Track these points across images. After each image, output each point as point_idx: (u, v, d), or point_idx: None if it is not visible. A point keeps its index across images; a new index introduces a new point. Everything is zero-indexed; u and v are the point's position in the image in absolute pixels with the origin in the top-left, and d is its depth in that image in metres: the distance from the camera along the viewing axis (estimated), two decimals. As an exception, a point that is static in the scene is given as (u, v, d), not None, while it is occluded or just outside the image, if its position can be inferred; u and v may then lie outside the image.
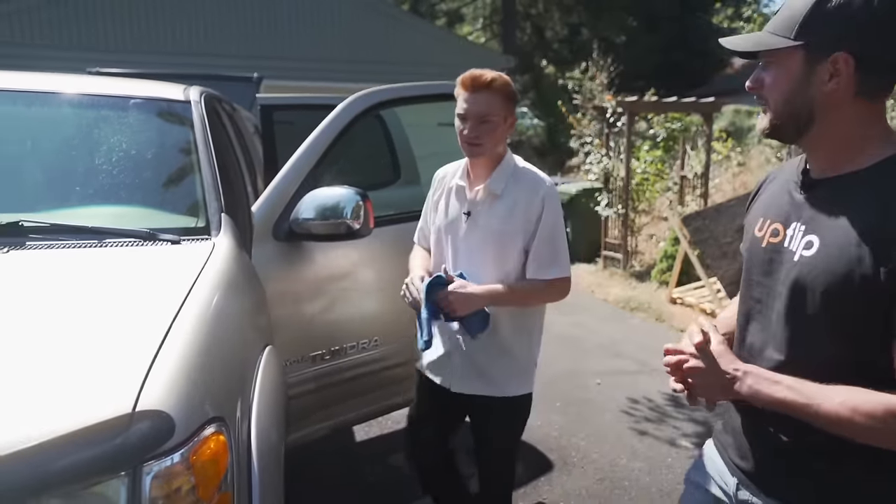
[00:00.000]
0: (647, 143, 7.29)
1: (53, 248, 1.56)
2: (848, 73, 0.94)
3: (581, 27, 21.62)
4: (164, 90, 2.27)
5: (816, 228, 0.99)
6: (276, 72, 6.73)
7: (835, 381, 0.94)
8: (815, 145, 1.02)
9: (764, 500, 1.09)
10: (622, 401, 3.74)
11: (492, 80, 1.67)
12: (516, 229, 1.72)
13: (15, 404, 0.94)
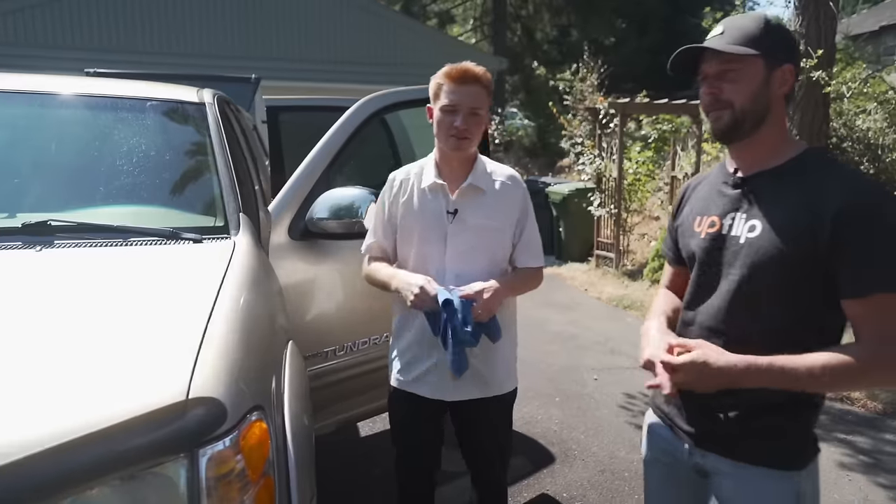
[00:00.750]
0: (638, 144, 7.40)
1: (81, 246, 1.61)
2: (791, 82, 1.18)
3: (570, 29, 21.78)
4: (178, 92, 2.31)
5: (757, 214, 1.19)
6: (272, 72, 6.75)
7: (778, 345, 1.13)
8: (756, 143, 1.21)
9: (715, 459, 1.25)
10: (619, 396, 3.83)
11: (481, 74, 1.72)
12: (505, 223, 1.77)
13: (77, 391, 0.99)
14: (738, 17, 1.26)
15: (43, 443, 0.87)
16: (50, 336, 1.14)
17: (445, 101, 1.67)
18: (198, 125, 2.18)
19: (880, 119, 7.66)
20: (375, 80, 8.90)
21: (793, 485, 1.20)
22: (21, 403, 0.95)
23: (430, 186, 1.75)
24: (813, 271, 1.12)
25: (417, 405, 1.81)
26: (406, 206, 1.78)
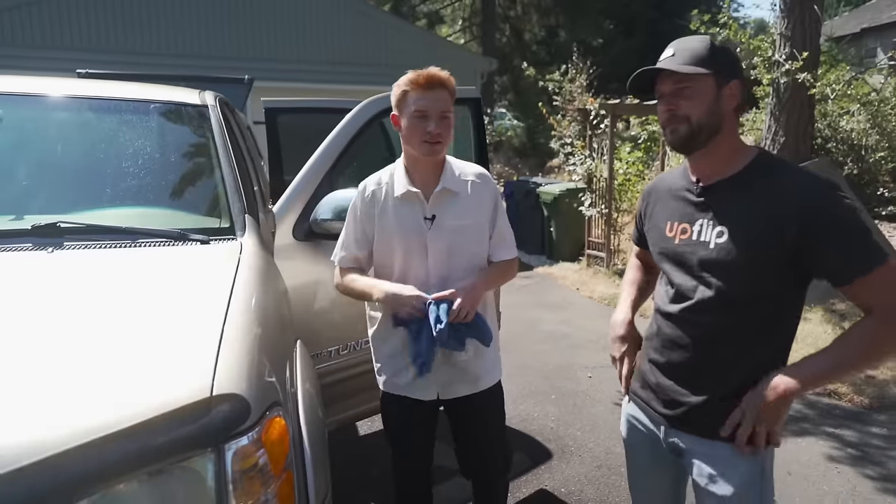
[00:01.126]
0: (628, 144, 7.49)
1: (91, 248, 1.63)
2: (739, 95, 1.29)
3: (558, 29, 21.90)
4: (180, 95, 2.33)
5: (723, 220, 1.29)
6: (263, 73, 6.75)
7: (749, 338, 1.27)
8: (711, 153, 1.31)
9: (689, 439, 1.37)
10: (613, 393, 3.89)
11: (446, 78, 1.73)
12: (480, 221, 1.80)
13: (105, 389, 1.02)
14: (686, 39, 1.34)
15: (77, 438, 0.90)
16: (73, 336, 1.16)
17: (415, 108, 1.67)
18: (201, 127, 2.20)
19: (863, 120, 7.83)
20: (367, 80, 8.92)
21: (758, 462, 1.30)
22: (52, 401, 0.97)
23: (403, 195, 1.75)
24: (779, 268, 1.23)
25: (410, 407, 1.83)
26: (382, 217, 1.77)
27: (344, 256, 1.86)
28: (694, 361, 1.35)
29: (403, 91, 1.70)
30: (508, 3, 19.97)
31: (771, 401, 1.22)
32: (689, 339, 1.34)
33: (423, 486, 1.98)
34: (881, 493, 2.76)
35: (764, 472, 1.32)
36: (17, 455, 0.86)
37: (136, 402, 0.99)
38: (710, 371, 1.34)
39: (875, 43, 19.77)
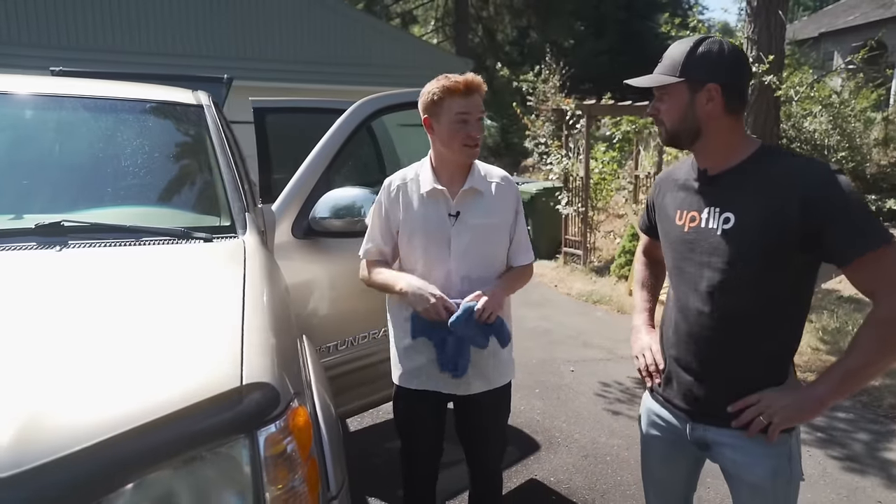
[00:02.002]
0: (602, 144, 7.66)
1: (96, 246, 1.64)
2: (718, 97, 1.32)
3: (529, 30, 22.13)
4: (175, 94, 2.34)
5: (728, 207, 1.34)
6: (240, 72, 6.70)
7: (761, 320, 1.33)
8: (704, 150, 1.39)
9: (714, 432, 1.41)
10: (595, 385, 4.01)
11: (482, 83, 1.80)
12: (502, 222, 1.87)
13: (140, 378, 1.05)
14: (675, 44, 1.41)
15: (120, 425, 0.93)
16: (102, 329, 1.19)
17: (456, 112, 1.72)
18: (198, 126, 2.21)
19: (825, 121, 8.14)
20: (343, 80, 8.92)
21: (785, 448, 1.36)
22: (89, 390, 1.00)
23: (429, 192, 1.80)
24: (785, 252, 1.27)
25: (423, 400, 1.89)
26: (407, 212, 1.83)
27: (369, 249, 1.91)
28: (710, 353, 1.39)
29: (439, 97, 1.74)
30: (481, 3, 20.11)
31: (797, 418, 1.32)
32: (703, 330, 1.39)
33: (432, 479, 2.04)
34: (848, 472, 2.92)
35: (791, 455, 1.38)
36: (67, 441, 0.89)
37: (170, 391, 1.02)
38: (726, 362, 1.38)
39: (833, 47, 20.47)
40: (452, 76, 1.78)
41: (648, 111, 1.44)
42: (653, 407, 1.59)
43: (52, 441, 0.88)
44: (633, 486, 2.80)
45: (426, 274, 1.82)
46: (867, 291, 1.26)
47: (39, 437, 0.88)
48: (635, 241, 6.40)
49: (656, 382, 1.57)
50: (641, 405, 1.66)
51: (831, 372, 1.30)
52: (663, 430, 1.55)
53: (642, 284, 1.74)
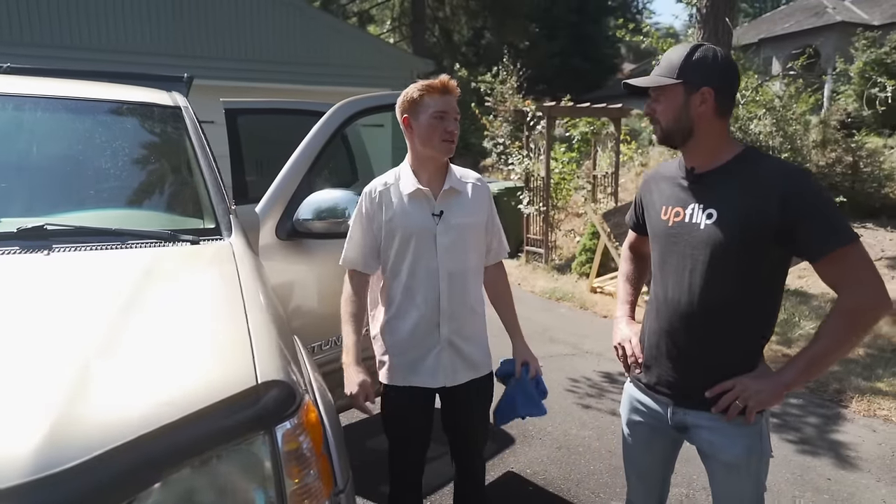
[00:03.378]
0: (562, 145, 7.85)
1: (81, 250, 1.61)
2: (711, 100, 1.42)
3: (484, 31, 22.36)
4: (150, 95, 2.31)
5: (712, 204, 1.44)
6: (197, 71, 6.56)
7: (739, 311, 1.43)
8: (694, 149, 1.49)
9: (694, 415, 1.52)
10: (564, 380, 4.13)
11: (456, 86, 1.89)
12: (480, 219, 1.95)
13: (160, 379, 1.06)
14: (673, 49, 1.51)
15: (150, 423, 0.95)
16: (114, 333, 1.18)
17: (434, 110, 1.79)
18: (177, 128, 2.20)
19: (769, 124, 8.57)
20: (303, 80, 8.83)
21: (757, 427, 1.48)
22: (112, 392, 1.01)
23: (412, 193, 1.85)
24: (763, 246, 1.38)
25: (413, 396, 1.93)
26: (391, 214, 1.87)
27: (349, 258, 1.94)
28: (691, 341, 1.49)
29: (419, 96, 1.81)
30: (437, 4, 20.18)
31: (768, 402, 1.42)
32: (685, 319, 1.49)
33: (419, 474, 2.07)
34: (800, 454, 3.12)
35: (762, 434, 1.49)
36: (98, 441, 0.90)
37: (190, 391, 1.04)
38: (706, 349, 1.47)
39: (772, 52, 21.48)
40: (431, 79, 1.86)
41: (645, 110, 1.52)
42: (635, 394, 1.68)
43: (82, 441, 0.89)
44: (605, 475, 2.91)
45: (413, 271, 1.86)
46: (833, 284, 1.38)
47: (70, 438, 0.89)
48: (595, 240, 6.60)
49: (637, 372, 1.66)
50: (623, 394, 1.75)
51: (797, 359, 1.41)
52: (645, 415, 1.65)
53: (626, 278, 1.84)
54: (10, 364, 1.05)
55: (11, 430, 0.88)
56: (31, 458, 0.84)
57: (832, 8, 24.82)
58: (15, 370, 1.04)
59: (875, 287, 1.33)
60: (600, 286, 6.32)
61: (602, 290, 6.29)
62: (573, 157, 7.68)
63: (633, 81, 1.53)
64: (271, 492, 1.07)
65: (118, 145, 2.07)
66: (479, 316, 1.99)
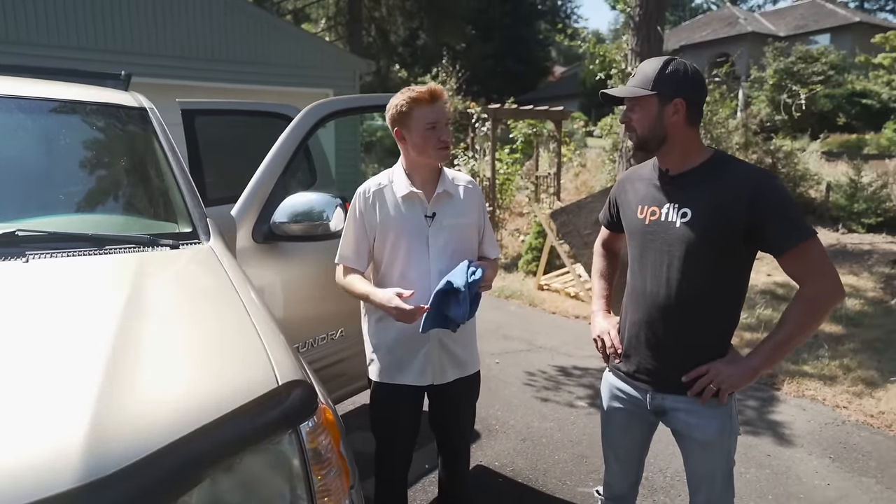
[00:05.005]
0: (506, 146, 8.03)
1: (56, 256, 1.55)
2: (682, 110, 1.55)
3: (419, 32, 22.46)
4: (112, 96, 2.23)
5: (686, 203, 1.55)
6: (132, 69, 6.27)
7: (711, 302, 1.55)
8: (668, 154, 1.61)
9: (672, 399, 1.64)
10: (521, 375, 4.26)
11: (443, 90, 1.95)
12: (472, 221, 2.02)
13: (187, 383, 1.06)
14: (648, 61, 1.62)
15: (182, 429, 0.95)
16: (127, 339, 1.16)
17: (426, 121, 1.83)
18: (144, 130, 2.13)
19: (696, 126, 9.09)
20: (244, 79, 8.59)
21: (728, 407, 1.62)
22: (141, 396, 1.00)
23: (406, 195, 1.90)
24: (732, 242, 1.51)
25: (404, 395, 1.97)
26: (384, 215, 1.91)
27: (345, 255, 1.96)
28: (668, 331, 1.61)
29: (408, 108, 1.84)
30: (373, 3, 20.08)
31: (739, 384, 1.55)
32: (662, 310, 1.60)
33: (405, 471, 2.11)
34: (743, 435, 3.36)
35: (732, 414, 1.63)
36: (141, 445, 0.90)
37: (217, 394, 1.05)
38: (682, 338, 1.59)
39: (691, 59, 22.62)
40: (416, 88, 1.89)
41: (621, 119, 1.64)
42: (614, 382, 1.79)
43: (124, 447, 0.89)
44: (569, 463, 3.04)
45: (405, 272, 1.90)
46: (795, 276, 1.54)
47: (112, 444, 0.88)
48: (541, 239, 6.80)
49: (617, 361, 1.77)
50: (602, 383, 1.86)
51: (764, 345, 1.56)
52: (624, 402, 1.76)
53: (600, 274, 1.95)
54: (32, 372, 1.03)
55: (52, 436, 0.87)
56: (78, 464, 0.83)
57: (743, 19, 26.58)
58: (38, 378, 1.01)
59: (833, 278, 1.49)
60: (547, 283, 6.52)
61: (549, 287, 6.49)
62: (517, 157, 7.87)
63: (611, 92, 1.64)
64: (300, 490, 1.09)
65: (83, 147, 2.00)
66: None
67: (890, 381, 4.03)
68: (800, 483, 2.88)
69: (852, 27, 24.30)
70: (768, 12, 30.81)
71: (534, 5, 33.59)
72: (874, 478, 2.93)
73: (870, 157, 10.95)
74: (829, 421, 3.56)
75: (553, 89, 31.15)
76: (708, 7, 43.61)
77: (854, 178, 8.22)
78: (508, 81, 26.41)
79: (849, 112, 15.55)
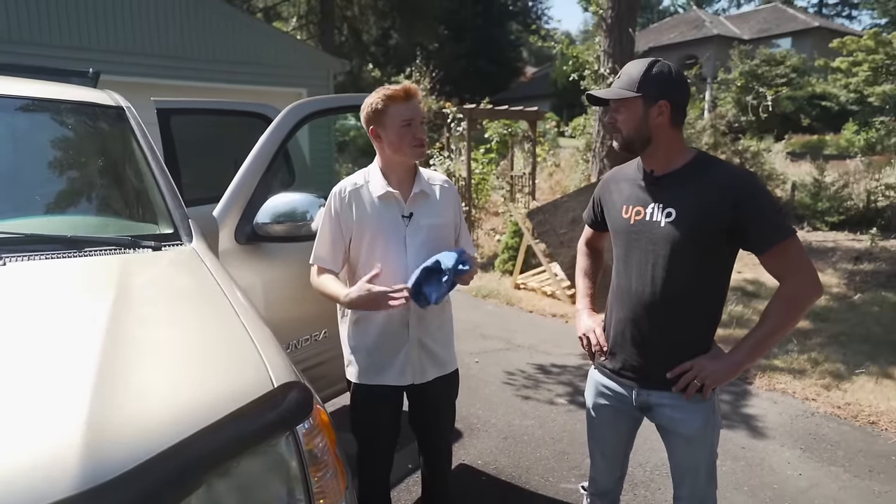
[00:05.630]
0: (481, 146, 8.07)
1: (34, 259, 1.51)
2: (667, 112, 1.57)
3: (391, 31, 22.39)
4: (86, 94, 2.17)
5: (671, 203, 1.58)
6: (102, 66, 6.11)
7: (695, 299, 1.59)
8: (652, 155, 1.63)
9: (657, 395, 1.67)
10: (500, 374, 4.28)
11: (418, 89, 1.94)
12: (448, 220, 2.02)
13: (182, 386, 1.05)
14: (632, 63, 1.64)
15: (180, 432, 0.94)
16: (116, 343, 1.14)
17: (401, 119, 1.83)
18: (122, 129, 2.09)
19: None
20: (217, 77, 8.45)
21: (711, 402, 1.66)
22: (136, 399, 0.98)
23: (382, 195, 1.89)
24: (716, 241, 1.55)
25: (384, 396, 1.97)
26: (361, 215, 1.89)
27: (319, 256, 1.94)
28: (653, 328, 1.64)
29: (383, 106, 1.83)
30: (345, 2, 19.93)
31: (723, 380, 1.59)
32: (648, 308, 1.63)
33: (387, 472, 2.11)
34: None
35: (715, 408, 1.67)
36: (140, 450, 0.88)
37: (215, 396, 1.04)
38: (667, 335, 1.62)
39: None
40: (390, 87, 1.89)
41: (606, 120, 1.67)
42: (600, 379, 1.82)
43: (124, 451, 0.87)
44: (552, 460, 3.08)
45: (383, 270, 1.88)
46: (775, 273, 1.58)
47: (111, 448, 0.87)
48: (517, 238, 6.85)
49: (602, 359, 1.80)
50: (588, 380, 1.89)
51: (746, 341, 1.60)
52: (610, 398, 1.79)
53: (584, 272, 1.97)
54: (22, 378, 1.00)
55: (48, 442, 0.85)
56: (77, 469, 0.82)
57: (709, 22, 27.20)
58: (29, 384, 0.98)
59: (812, 275, 1.54)
60: (524, 283, 6.58)
61: (526, 286, 6.55)
62: (493, 157, 7.92)
63: (597, 93, 1.66)
64: (298, 492, 1.08)
65: (59, 147, 1.95)
66: (446, 314, 2.05)
67: (855, 373, 4.18)
68: (773, 474, 2.97)
69: (812, 32, 25.09)
70: (733, 16, 31.59)
71: (505, 6, 33.82)
72: (842, 467, 3.03)
73: (830, 157, 11.33)
74: (800, 413, 3.67)
75: (525, 90, 31.39)
76: (675, 10, 44.50)
77: (818, 177, 8.49)
78: (481, 81, 26.52)
79: (810, 114, 16.06)
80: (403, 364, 1.94)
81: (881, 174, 8.85)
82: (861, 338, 4.85)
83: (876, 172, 8.88)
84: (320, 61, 9.53)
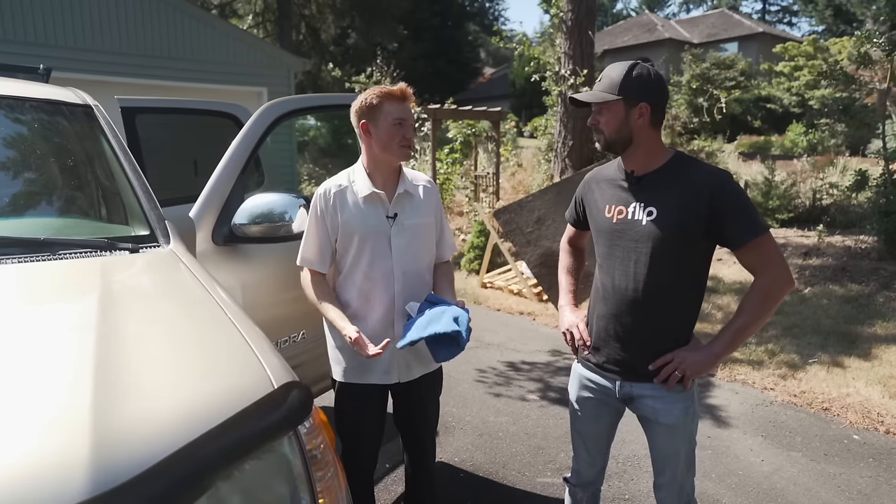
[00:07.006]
0: (446, 147, 8.10)
1: (7, 262, 1.45)
2: (647, 114, 1.63)
3: (349, 31, 22.20)
4: (52, 92, 2.10)
5: (652, 202, 1.63)
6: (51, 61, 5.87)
7: (676, 294, 1.65)
8: (633, 155, 1.69)
9: (640, 387, 1.73)
10: (472, 372, 4.32)
11: (412, 93, 1.96)
12: (432, 220, 2.05)
13: (183, 389, 1.03)
14: (613, 66, 1.69)
15: (187, 436, 0.92)
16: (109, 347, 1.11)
17: (394, 117, 1.85)
18: (91, 128, 2.03)
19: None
20: (175, 76, 8.21)
21: (691, 392, 1.73)
22: (140, 404, 0.96)
23: (367, 196, 1.90)
24: (695, 238, 1.61)
25: (368, 394, 1.98)
26: (346, 216, 1.90)
27: (307, 258, 1.93)
28: (635, 322, 1.69)
29: (379, 102, 1.84)
30: (303, 0, 19.65)
31: (702, 370, 1.65)
32: (630, 303, 1.68)
33: (372, 468, 2.11)
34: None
35: (694, 398, 1.74)
36: (148, 454, 0.87)
37: (217, 398, 1.02)
38: (648, 328, 1.67)
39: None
40: (387, 87, 1.91)
41: (589, 122, 1.71)
42: (584, 373, 1.87)
43: (132, 455, 0.86)
44: (527, 455, 3.13)
45: (368, 273, 1.91)
46: (750, 267, 1.65)
47: (119, 453, 0.85)
48: (483, 237, 6.91)
49: (586, 353, 1.85)
50: (572, 374, 1.93)
51: (723, 333, 1.67)
52: (594, 391, 1.84)
53: (567, 270, 2.02)
54: (18, 384, 0.96)
55: (55, 448, 0.83)
56: (86, 475, 0.80)
57: (661, 26, 28.01)
58: (28, 390, 0.95)
59: (784, 268, 1.62)
60: (491, 281, 6.64)
61: (493, 284, 6.61)
62: (457, 157, 7.96)
63: (579, 96, 1.71)
64: (302, 491, 1.08)
65: (24, 147, 1.88)
66: None
67: (808, 363, 4.39)
68: (738, 461, 3.09)
69: (757, 37, 26.13)
70: (683, 20, 32.61)
71: (463, 6, 33.97)
72: (800, 452, 3.18)
73: (777, 157, 11.83)
74: (760, 402, 3.83)
75: (484, 90, 31.62)
76: (628, 14, 45.57)
77: (768, 177, 8.85)
78: (440, 82, 26.60)
79: (756, 115, 16.73)
80: (389, 363, 1.95)
81: (825, 173, 9.30)
82: (812, 329, 5.10)
83: (820, 172, 9.33)
84: (280, 60, 9.38)
